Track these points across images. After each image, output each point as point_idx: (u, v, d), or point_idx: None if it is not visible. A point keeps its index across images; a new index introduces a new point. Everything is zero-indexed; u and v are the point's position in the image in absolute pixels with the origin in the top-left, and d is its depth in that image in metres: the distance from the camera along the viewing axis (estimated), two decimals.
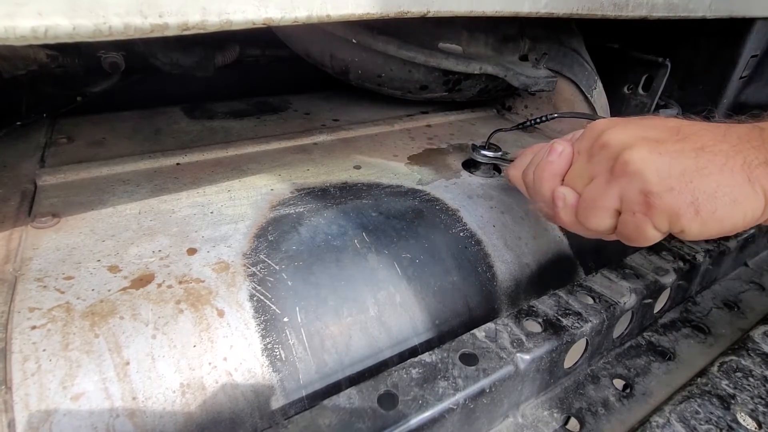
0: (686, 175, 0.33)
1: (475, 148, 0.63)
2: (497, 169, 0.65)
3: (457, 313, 0.48)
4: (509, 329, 0.42)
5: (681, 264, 0.55)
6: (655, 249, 0.57)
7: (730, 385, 0.45)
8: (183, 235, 0.46)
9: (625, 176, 0.36)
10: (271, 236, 0.47)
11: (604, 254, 0.60)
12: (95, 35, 0.29)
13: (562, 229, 0.58)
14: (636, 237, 0.37)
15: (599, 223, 0.39)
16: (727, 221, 0.33)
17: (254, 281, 0.42)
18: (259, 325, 0.40)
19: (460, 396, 0.35)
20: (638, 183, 0.35)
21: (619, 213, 0.38)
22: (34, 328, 0.35)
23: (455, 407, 0.35)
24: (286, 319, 0.41)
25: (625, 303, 0.47)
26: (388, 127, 0.79)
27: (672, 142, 0.35)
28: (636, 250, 0.58)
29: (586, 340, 0.45)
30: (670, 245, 0.58)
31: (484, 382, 0.37)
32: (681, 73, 0.86)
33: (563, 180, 0.42)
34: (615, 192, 0.37)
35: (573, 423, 0.43)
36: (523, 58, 0.78)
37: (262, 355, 0.39)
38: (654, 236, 0.36)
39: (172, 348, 0.37)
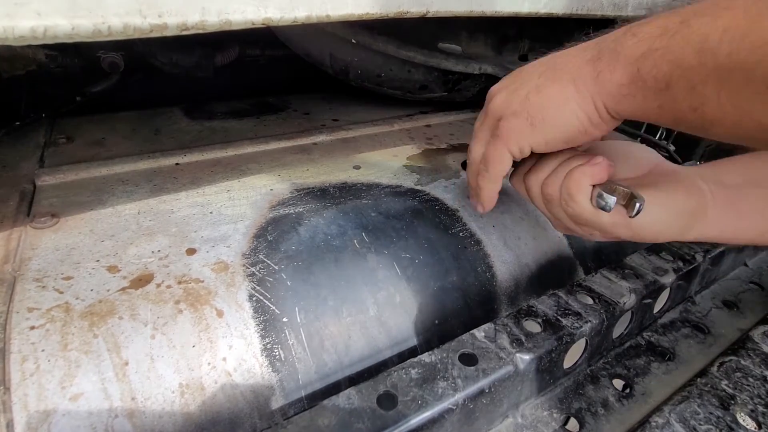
0: (528, 98, 0.38)
1: None
2: None
3: (456, 313, 0.48)
4: (509, 329, 0.42)
5: (680, 264, 0.55)
6: (655, 249, 0.57)
7: (730, 385, 0.45)
8: (182, 235, 0.46)
9: (489, 114, 0.42)
10: (271, 236, 0.47)
11: (603, 254, 0.60)
12: (94, 35, 0.29)
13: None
14: (494, 159, 0.42)
15: (475, 153, 0.44)
16: (561, 125, 0.37)
17: (253, 281, 0.42)
18: (258, 325, 0.40)
19: (459, 396, 0.35)
20: (495, 114, 0.41)
21: None
22: (32, 328, 0.35)
23: (455, 407, 0.35)
24: (285, 319, 0.41)
25: (624, 303, 0.47)
26: (388, 127, 0.79)
27: (536, 76, 0.39)
28: (635, 249, 0.58)
29: (586, 340, 0.45)
30: (669, 245, 0.58)
31: (483, 383, 0.37)
32: None
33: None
34: (487, 128, 0.43)
35: (572, 423, 0.43)
36: (523, 58, 0.78)
37: (262, 356, 0.39)
38: (507, 159, 0.41)
39: (171, 348, 0.36)
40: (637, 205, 0.37)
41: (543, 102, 0.37)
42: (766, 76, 0.25)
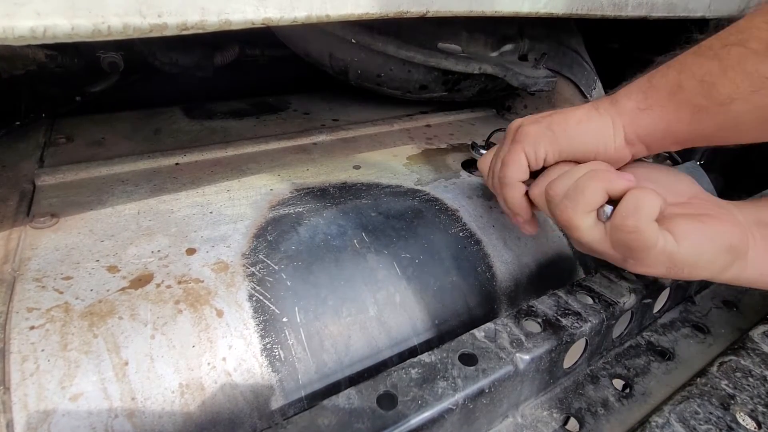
0: (552, 116, 0.43)
1: (474, 146, 0.63)
2: None
3: (456, 313, 0.48)
4: (509, 329, 0.42)
5: None
6: None
7: (730, 385, 0.45)
8: (182, 235, 0.46)
9: (510, 128, 0.46)
10: (271, 236, 0.47)
11: None
12: (94, 35, 0.29)
13: (561, 228, 0.58)
14: (511, 161, 0.44)
15: (495, 164, 0.47)
16: (580, 137, 0.41)
17: (253, 281, 0.42)
18: (258, 325, 0.40)
19: (459, 396, 0.35)
20: (515, 125, 0.45)
21: None
22: (32, 328, 0.35)
23: (454, 407, 0.35)
24: (285, 319, 0.41)
25: (624, 303, 0.47)
26: (388, 127, 0.79)
27: (555, 113, 0.44)
28: None
29: (586, 340, 0.45)
30: None
31: (483, 382, 0.37)
32: None
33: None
34: (507, 141, 0.46)
35: (572, 423, 0.43)
36: (523, 57, 0.78)
37: (261, 356, 0.39)
38: (523, 162, 0.43)
39: (171, 348, 0.36)
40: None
41: (566, 118, 0.42)
42: (756, 40, 0.31)
